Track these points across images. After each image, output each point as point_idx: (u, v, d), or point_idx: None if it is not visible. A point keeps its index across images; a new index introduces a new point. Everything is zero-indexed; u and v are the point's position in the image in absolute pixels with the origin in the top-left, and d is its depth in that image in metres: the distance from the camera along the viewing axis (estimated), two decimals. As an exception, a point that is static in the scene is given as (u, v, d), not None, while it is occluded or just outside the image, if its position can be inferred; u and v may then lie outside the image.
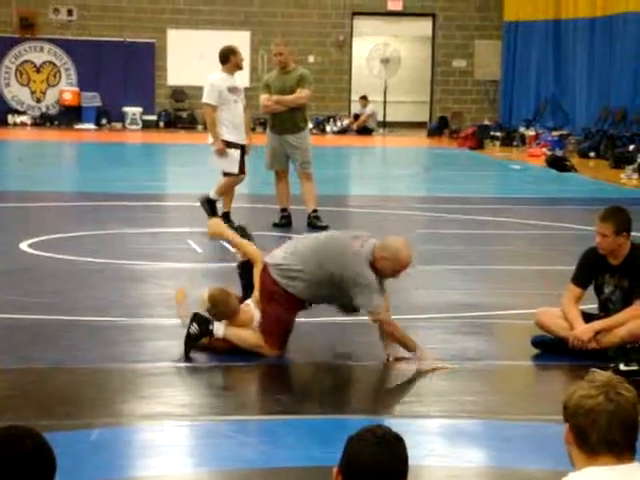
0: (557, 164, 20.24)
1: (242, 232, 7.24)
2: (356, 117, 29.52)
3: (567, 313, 6.93)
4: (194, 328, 6.61)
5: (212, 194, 11.74)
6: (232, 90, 11.76)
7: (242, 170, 11.83)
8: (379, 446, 2.68)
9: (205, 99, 11.81)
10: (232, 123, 11.72)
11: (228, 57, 11.76)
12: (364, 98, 29.39)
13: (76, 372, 6.29)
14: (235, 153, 11.70)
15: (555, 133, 25.23)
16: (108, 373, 6.33)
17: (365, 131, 28.91)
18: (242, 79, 27.60)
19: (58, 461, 2.58)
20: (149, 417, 5.61)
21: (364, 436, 2.71)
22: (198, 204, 11.75)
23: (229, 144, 11.63)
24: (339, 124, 29.28)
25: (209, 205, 11.69)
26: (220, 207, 11.84)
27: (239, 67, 11.88)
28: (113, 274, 9.19)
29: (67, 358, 6.54)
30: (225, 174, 11.77)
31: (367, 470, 2.66)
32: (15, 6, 28.92)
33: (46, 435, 2.60)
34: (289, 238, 11.78)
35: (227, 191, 11.89)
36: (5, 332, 7.13)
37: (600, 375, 2.85)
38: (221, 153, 11.60)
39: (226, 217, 11.31)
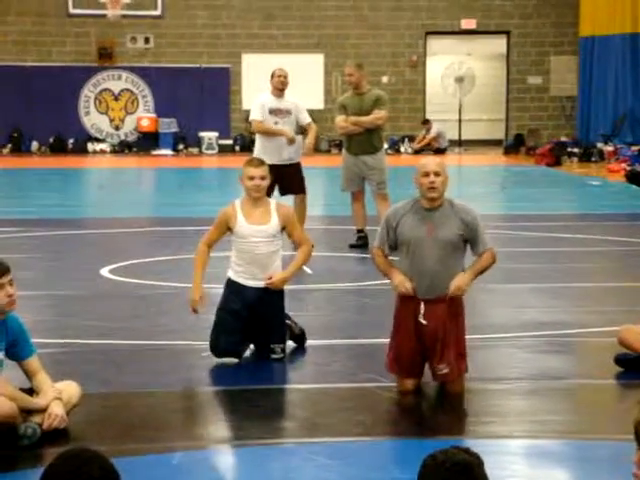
0: (637, 179, 19.96)
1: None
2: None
3: (650, 330, 6.81)
4: None
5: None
6: (273, 112, 11.88)
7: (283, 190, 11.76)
8: (439, 473, 2.69)
9: (250, 117, 12.14)
10: (264, 145, 11.82)
11: (270, 81, 12.08)
12: (426, 122, 29.28)
13: (157, 396, 6.34)
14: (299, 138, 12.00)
15: (634, 148, 24.90)
16: (187, 396, 6.37)
17: (438, 151, 28.83)
18: (316, 101, 27.73)
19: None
20: (230, 440, 5.63)
21: (427, 461, 2.73)
22: None
23: None
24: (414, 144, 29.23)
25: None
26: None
27: (277, 88, 11.99)
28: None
29: (147, 382, 6.59)
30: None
31: None
32: (94, 36, 29.43)
33: (127, 459, 2.62)
34: (365, 259, 11.81)
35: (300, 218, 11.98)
36: (86, 357, 7.21)
37: None
38: (292, 142, 11.80)
39: None
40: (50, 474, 2.54)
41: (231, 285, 7.05)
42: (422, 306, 6.23)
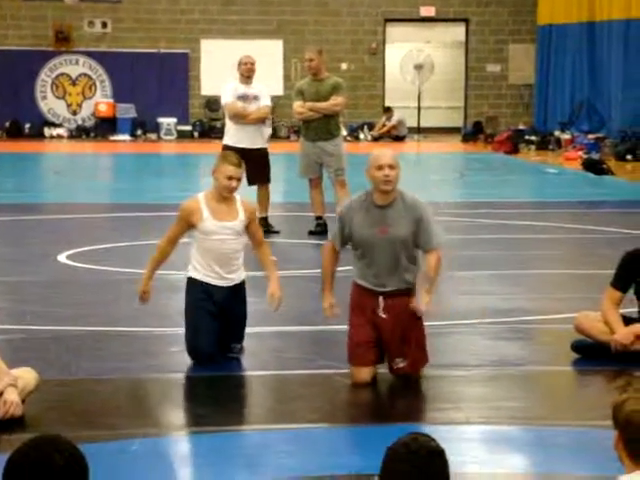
0: (593, 167, 20.11)
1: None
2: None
3: (607, 317, 6.87)
4: None
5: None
6: (241, 97, 11.99)
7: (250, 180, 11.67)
8: (413, 461, 2.71)
9: (223, 102, 12.17)
10: (237, 128, 11.85)
11: (237, 68, 12.16)
12: (388, 110, 29.31)
13: (116, 383, 6.31)
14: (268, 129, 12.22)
15: (591, 136, 25.08)
16: (148, 383, 6.35)
17: (397, 139, 28.86)
18: (275, 87, 27.65)
19: (99, 472, 2.58)
20: (190, 427, 5.61)
21: (399, 450, 2.74)
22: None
23: (232, 149, 11.57)
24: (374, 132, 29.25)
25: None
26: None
27: (244, 75, 12.07)
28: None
29: (107, 369, 6.55)
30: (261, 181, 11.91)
31: None
32: (50, 20, 29.16)
33: (87, 446, 2.60)
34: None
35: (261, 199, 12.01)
36: (44, 344, 7.16)
37: None
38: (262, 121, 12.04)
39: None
40: (12, 463, 2.51)
41: (198, 285, 6.67)
42: (381, 300, 6.23)
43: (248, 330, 7.06)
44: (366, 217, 6.23)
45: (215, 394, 6.27)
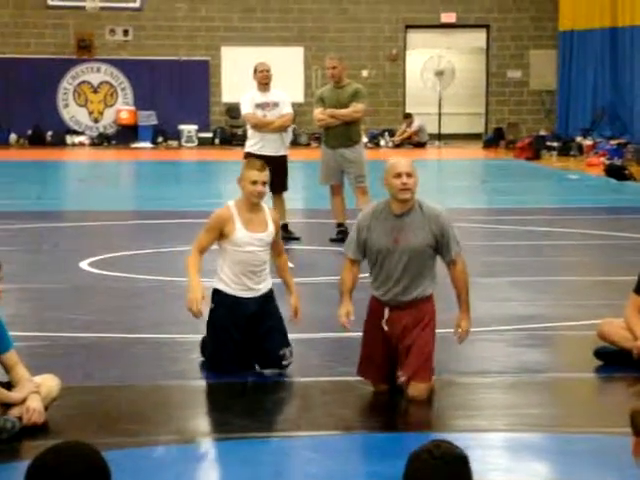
0: (616, 173, 20.03)
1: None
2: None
3: (630, 324, 6.83)
4: None
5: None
6: (259, 106, 11.94)
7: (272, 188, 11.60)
8: (436, 467, 2.68)
9: (242, 112, 12.15)
10: (259, 137, 11.88)
11: (253, 76, 12.14)
12: (408, 116, 29.31)
13: (138, 389, 6.32)
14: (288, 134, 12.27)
15: (613, 142, 24.99)
16: (170, 390, 6.36)
17: (418, 145, 28.84)
18: (296, 95, 27.66)
19: (122, 478, 2.58)
20: (213, 434, 5.62)
21: (422, 456, 2.72)
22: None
23: (255, 157, 11.56)
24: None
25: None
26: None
27: (261, 83, 12.04)
28: (171, 291, 9.22)
29: (129, 375, 6.57)
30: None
31: None
32: (72, 28, 29.30)
33: (109, 453, 2.60)
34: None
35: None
36: (66, 350, 7.19)
37: None
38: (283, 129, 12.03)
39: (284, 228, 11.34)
40: (34, 469, 2.52)
41: (226, 299, 6.54)
42: (386, 312, 6.16)
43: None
44: (383, 226, 6.16)
45: (236, 401, 6.28)
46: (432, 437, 3.51)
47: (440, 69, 30.12)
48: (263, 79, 12.03)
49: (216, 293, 6.62)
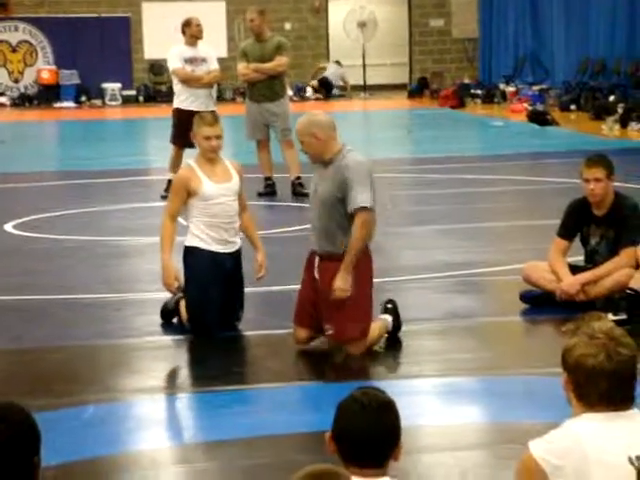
0: (538, 119, 20.22)
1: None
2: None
3: (554, 266, 6.95)
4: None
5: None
6: (189, 61, 11.87)
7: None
8: (365, 414, 2.77)
9: (170, 67, 12.02)
10: (189, 92, 11.77)
11: (184, 30, 11.99)
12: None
13: (67, 350, 6.30)
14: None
15: (535, 88, 25.19)
16: (99, 350, 6.34)
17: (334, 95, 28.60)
18: (219, 50, 27.38)
19: (53, 438, 2.57)
20: (142, 391, 5.62)
21: (351, 404, 2.81)
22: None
23: (185, 112, 11.44)
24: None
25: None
26: None
27: (196, 37, 11.95)
28: (99, 251, 9.17)
29: (57, 336, 6.54)
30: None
31: (356, 437, 2.77)
32: (-13, -13, 28.69)
33: (40, 413, 2.59)
34: (274, 207, 11.82)
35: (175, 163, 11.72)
36: (-6, 314, 7.12)
37: (600, 328, 2.85)
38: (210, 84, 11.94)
39: None
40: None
41: (205, 256, 6.44)
42: (317, 260, 6.16)
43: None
44: (315, 174, 6.27)
45: (169, 358, 6.28)
46: (364, 385, 3.54)
47: (362, 20, 30.04)
48: (199, 33, 11.95)
49: (191, 252, 6.53)
